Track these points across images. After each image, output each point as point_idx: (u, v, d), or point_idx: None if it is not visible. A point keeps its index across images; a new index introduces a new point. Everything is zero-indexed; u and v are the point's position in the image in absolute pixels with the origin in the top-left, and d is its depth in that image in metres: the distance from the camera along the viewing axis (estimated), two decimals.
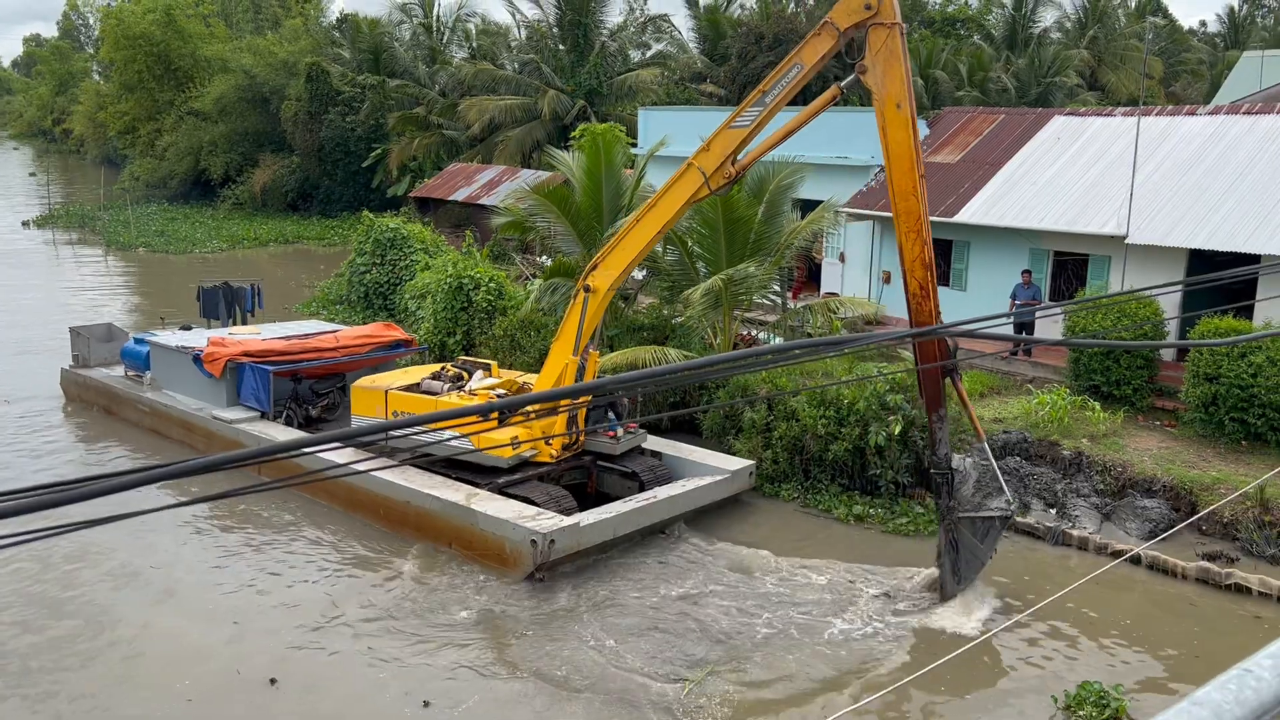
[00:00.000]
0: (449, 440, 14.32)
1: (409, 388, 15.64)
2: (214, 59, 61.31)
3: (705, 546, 14.51)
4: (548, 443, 14.93)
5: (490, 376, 16.00)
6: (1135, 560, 13.89)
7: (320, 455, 14.01)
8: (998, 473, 13.08)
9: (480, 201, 39.07)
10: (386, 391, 15.49)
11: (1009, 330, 17.86)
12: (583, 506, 14.53)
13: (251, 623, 12.32)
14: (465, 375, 15.93)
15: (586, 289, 14.21)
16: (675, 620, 12.36)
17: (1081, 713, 10.23)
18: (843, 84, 12.58)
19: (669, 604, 12.78)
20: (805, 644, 11.83)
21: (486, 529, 13.54)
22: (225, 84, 58.56)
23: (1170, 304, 19.21)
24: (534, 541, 12.85)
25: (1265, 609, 12.65)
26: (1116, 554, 14.04)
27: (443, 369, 16.22)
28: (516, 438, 14.27)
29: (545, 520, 13.30)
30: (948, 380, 12.71)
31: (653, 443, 16.40)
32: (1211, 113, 22.10)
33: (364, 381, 16.42)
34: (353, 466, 12.20)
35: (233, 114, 59.18)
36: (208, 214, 57.63)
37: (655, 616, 12.46)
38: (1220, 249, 18.30)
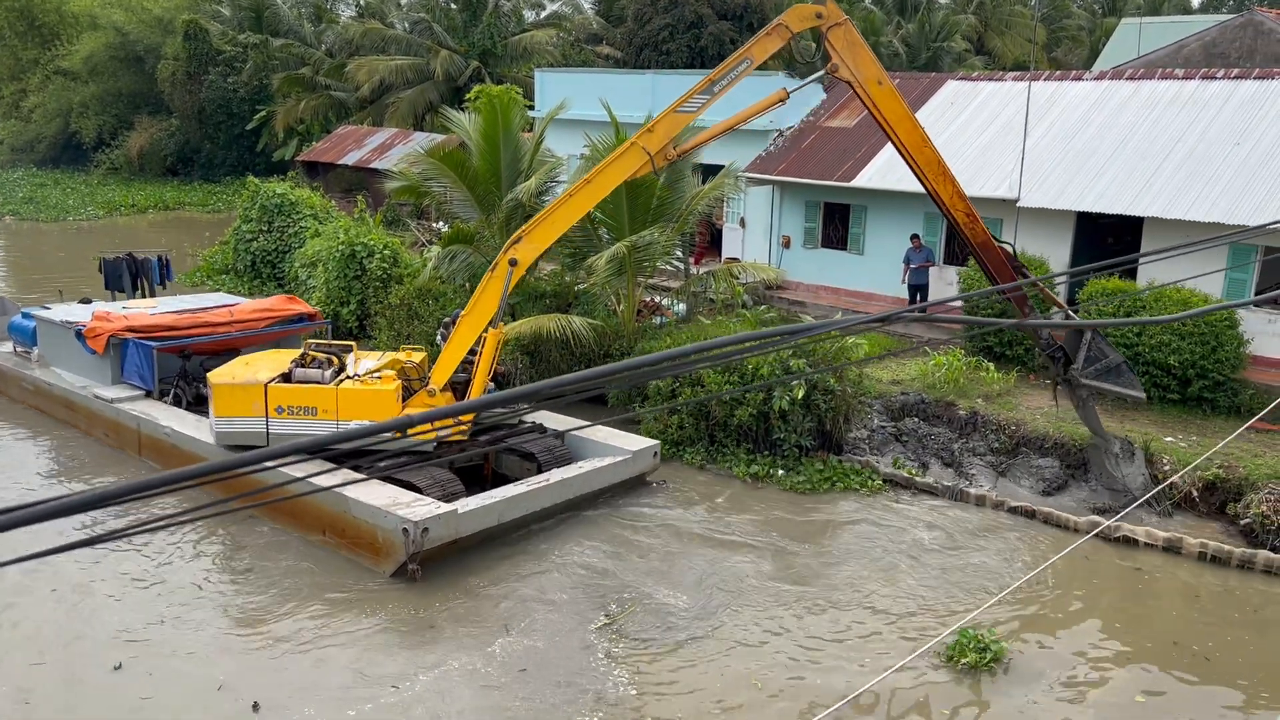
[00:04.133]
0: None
1: (284, 379, 14.27)
2: (82, 15, 58.06)
3: (605, 513, 14.40)
4: (458, 422, 14.42)
5: (365, 360, 15.10)
6: (1030, 515, 14.32)
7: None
8: (1096, 341, 14.52)
9: (372, 165, 37.98)
10: (266, 386, 13.99)
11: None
12: (483, 489, 13.89)
13: (95, 613, 11.57)
14: (335, 360, 14.82)
15: (512, 262, 13.60)
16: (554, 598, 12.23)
17: (965, 660, 10.54)
18: (790, 90, 13.54)
19: (552, 578, 12.59)
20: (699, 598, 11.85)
21: (360, 516, 12.72)
22: (95, 42, 55.58)
23: (1059, 264, 19.78)
24: (405, 530, 12.08)
25: (1148, 560, 13.17)
26: (1011, 508, 14.46)
27: (302, 355, 14.93)
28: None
29: (420, 507, 12.47)
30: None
31: (556, 422, 15.95)
32: (1097, 78, 22.72)
33: (221, 375, 14.44)
34: (314, 482, 11.20)
35: (104, 74, 56.26)
36: (80, 179, 54.85)
37: (546, 600, 12.25)
38: (1107, 211, 18.88)
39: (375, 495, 12.82)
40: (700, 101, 13.20)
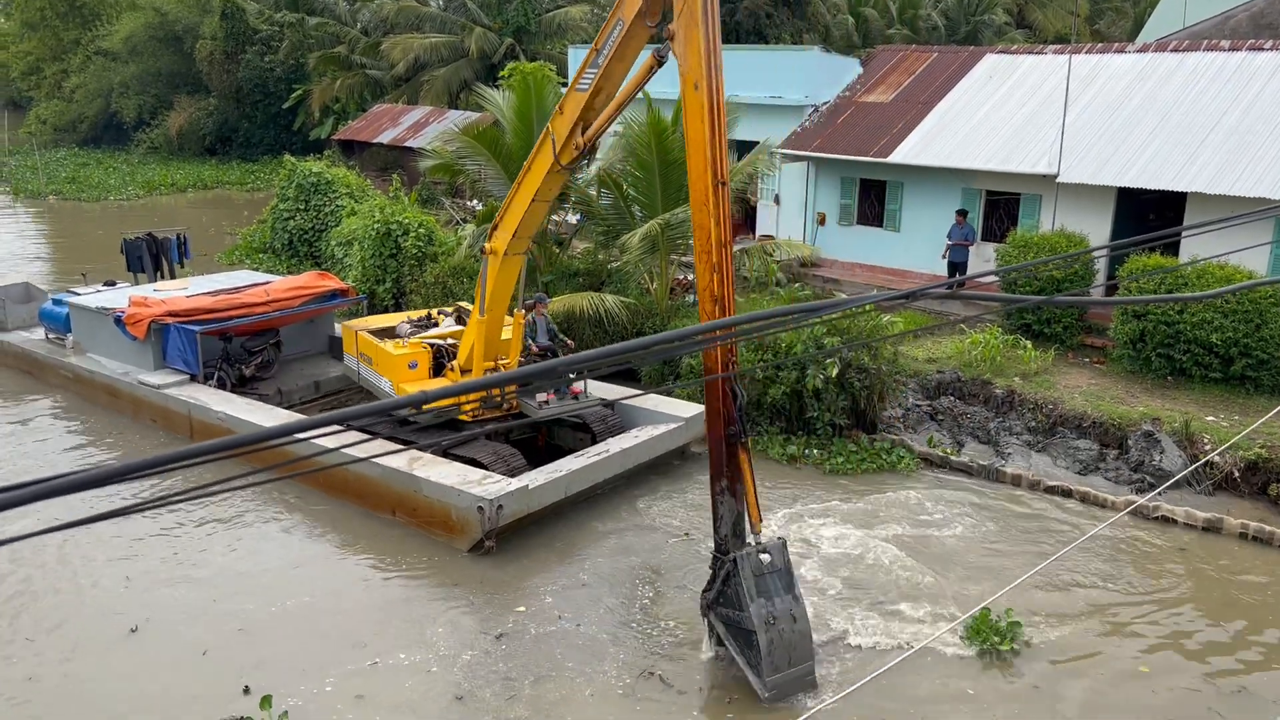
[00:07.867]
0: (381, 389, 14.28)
1: (382, 331, 15.84)
2: None
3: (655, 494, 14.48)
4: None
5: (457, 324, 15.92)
6: (1066, 494, 14.18)
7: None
8: (738, 585, 9.75)
9: (407, 144, 38.10)
10: (357, 334, 15.88)
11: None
12: (537, 461, 14.00)
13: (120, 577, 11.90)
14: (440, 321, 16.07)
15: (483, 250, 13.46)
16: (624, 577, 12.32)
17: (983, 639, 10.57)
18: (661, 53, 10.52)
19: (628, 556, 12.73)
20: None
21: (431, 495, 12.84)
22: (135, 22, 56.12)
23: (1099, 242, 19.47)
24: (481, 508, 12.20)
25: (1187, 539, 13.00)
26: (1047, 488, 14.31)
27: (428, 314, 16.39)
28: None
29: (492, 484, 12.59)
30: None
31: (604, 390, 15.84)
32: (1140, 50, 22.27)
33: (354, 321, 16.77)
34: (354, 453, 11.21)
35: (144, 54, 56.81)
36: (121, 159, 55.52)
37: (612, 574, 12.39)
38: (1149, 187, 18.54)
39: (444, 473, 12.96)
40: (592, 75, 11.08)
